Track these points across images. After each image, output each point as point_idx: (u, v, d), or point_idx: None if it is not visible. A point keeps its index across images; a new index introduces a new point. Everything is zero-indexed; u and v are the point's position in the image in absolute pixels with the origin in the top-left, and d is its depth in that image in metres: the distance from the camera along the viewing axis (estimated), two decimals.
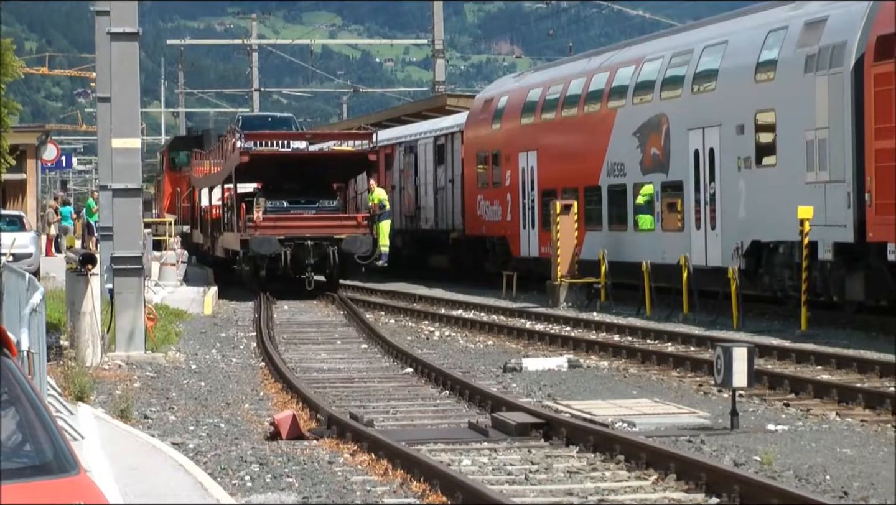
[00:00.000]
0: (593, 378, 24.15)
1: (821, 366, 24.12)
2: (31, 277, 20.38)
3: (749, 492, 13.36)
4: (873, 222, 28.73)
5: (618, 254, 38.11)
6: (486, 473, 15.47)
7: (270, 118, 60.12)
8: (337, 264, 43.46)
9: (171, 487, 13.96)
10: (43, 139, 67.85)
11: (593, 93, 41.20)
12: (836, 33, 30.24)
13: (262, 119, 61.00)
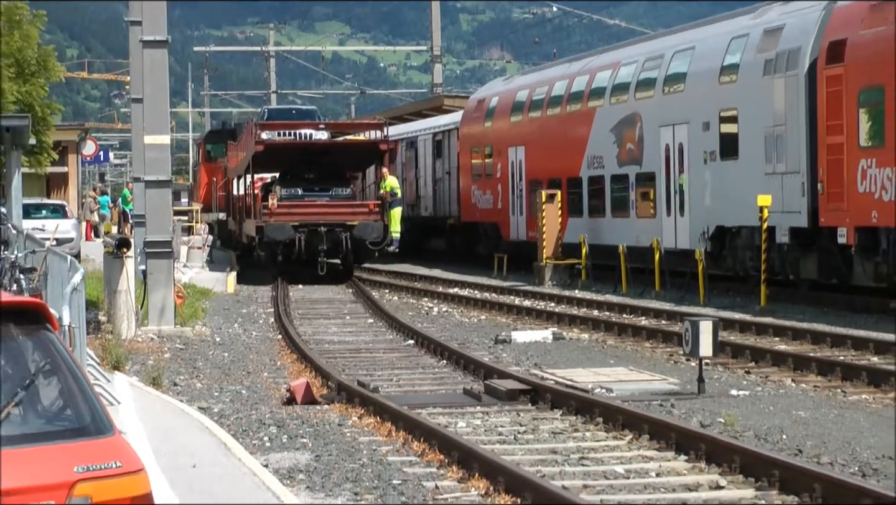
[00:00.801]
0: (575, 349, 24.16)
1: (778, 337, 24.15)
2: (72, 260, 20.33)
3: (714, 450, 13.38)
4: (825, 209, 28.75)
5: (597, 238, 38.10)
6: (479, 433, 15.49)
7: (295, 111, 58.27)
8: (350, 250, 41.15)
9: (197, 447, 13.97)
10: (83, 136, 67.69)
11: (575, 94, 41.17)
12: (791, 40, 30.23)
13: (286, 111, 59.28)
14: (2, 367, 6.21)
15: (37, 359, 6.13)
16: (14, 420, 5.87)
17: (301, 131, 45.87)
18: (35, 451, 5.81)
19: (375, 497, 12.20)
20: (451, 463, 13.50)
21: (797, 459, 12.92)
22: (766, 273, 29.80)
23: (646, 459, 13.81)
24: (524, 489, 11.76)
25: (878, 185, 27.05)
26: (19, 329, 6.22)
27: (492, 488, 12.25)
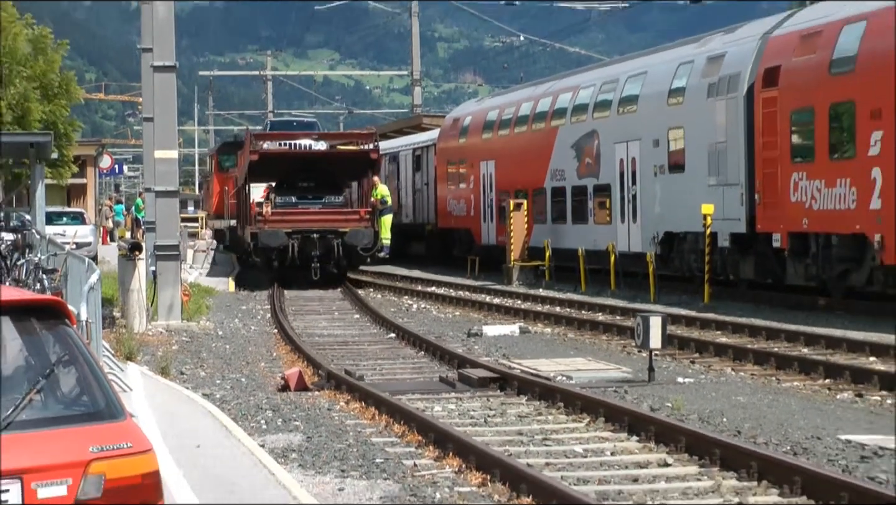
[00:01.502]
0: (539, 341, 24.18)
1: (720, 331, 24.20)
2: (89, 262, 20.32)
3: (662, 431, 13.41)
4: (761, 217, 28.84)
5: (559, 242, 38.16)
6: (454, 417, 15.49)
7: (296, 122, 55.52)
8: (341, 256, 38.76)
9: (201, 429, 13.96)
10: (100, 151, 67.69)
11: (539, 114, 41.22)
12: (732, 66, 30.31)
13: (288, 123, 56.77)
14: (25, 357, 6.22)
15: (56, 350, 6.13)
16: (35, 405, 5.87)
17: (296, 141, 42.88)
18: (54, 433, 5.81)
19: (360, 474, 12.21)
20: (428, 443, 13.51)
21: (736, 440, 12.96)
22: (709, 274, 29.87)
23: (602, 439, 13.83)
24: (493, 467, 11.77)
25: (808, 195, 27.14)
26: (40, 324, 6.23)
27: (464, 466, 12.27)
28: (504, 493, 11.14)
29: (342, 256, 38.65)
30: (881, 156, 24.98)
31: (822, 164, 26.73)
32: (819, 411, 15.40)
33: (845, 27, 26.56)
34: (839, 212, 26.21)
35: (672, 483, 11.63)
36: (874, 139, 25.18)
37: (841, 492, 10.34)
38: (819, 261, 27.22)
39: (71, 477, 5.69)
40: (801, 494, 10.76)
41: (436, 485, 11.64)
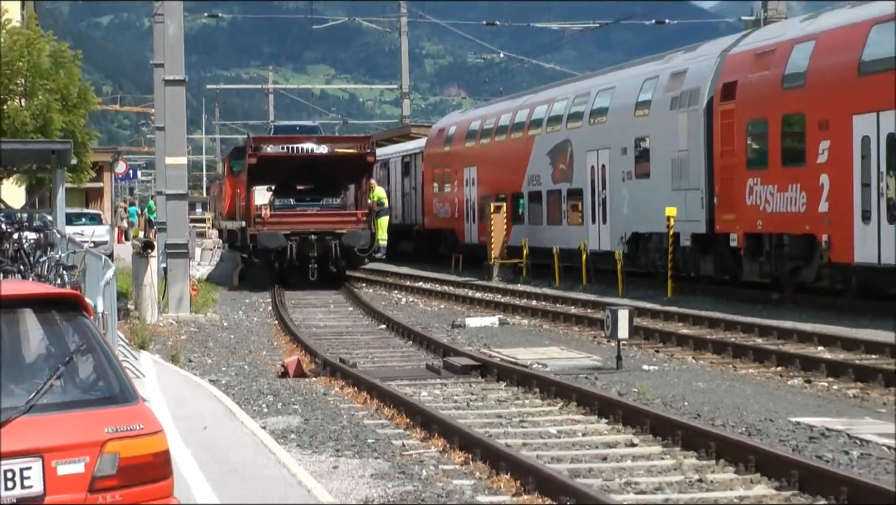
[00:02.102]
0: (517, 332, 24.19)
1: (681, 323, 24.24)
2: (105, 259, 20.26)
3: (629, 414, 13.44)
4: (720, 219, 28.88)
5: (535, 241, 38.16)
6: (439, 401, 15.50)
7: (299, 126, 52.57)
8: (339, 257, 36.51)
9: (208, 412, 13.95)
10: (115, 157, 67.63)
11: (517, 124, 41.23)
12: (693, 81, 30.35)
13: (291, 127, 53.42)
14: (46, 346, 6.22)
15: (75, 340, 6.13)
16: (56, 390, 5.87)
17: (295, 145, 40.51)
18: (73, 416, 5.81)
19: (353, 453, 12.21)
20: (415, 425, 13.52)
21: (696, 421, 12.99)
22: (672, 270, 29.91)
23: (574, 421, 13.85)
24: (475, 447, 11.79)
25: (762, 199, 27.18)
26: (60, 315, 6.23)
27: (448, 446, 12.28)
28: (484, 470, 11.16)
29: (340, 257, 36.61)
30: (828, 163, 25.04)
31: (775, 170, 26.78)
32: (771, 396, 15.44)
33: (796, 46, 26.61)
34: (790, 214, 26.26)
35: (638, 462, 11.66)
36: (822, 148, 25.23)
37: (791, 469, 10.38)
38: (772, 259, 27.28)
39: (88, 456, 5.70)
40: (756, 471, 10.79)
41: (422, 463, 11.65)
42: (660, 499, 10.08)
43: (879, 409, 14.45)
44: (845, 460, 11.34)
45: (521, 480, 10.44)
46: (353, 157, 39.06)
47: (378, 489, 10.54)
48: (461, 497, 10.19)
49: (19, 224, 21.33)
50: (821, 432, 12.71)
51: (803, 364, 17.64)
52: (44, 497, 5.60)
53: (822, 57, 25.55)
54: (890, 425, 13.23)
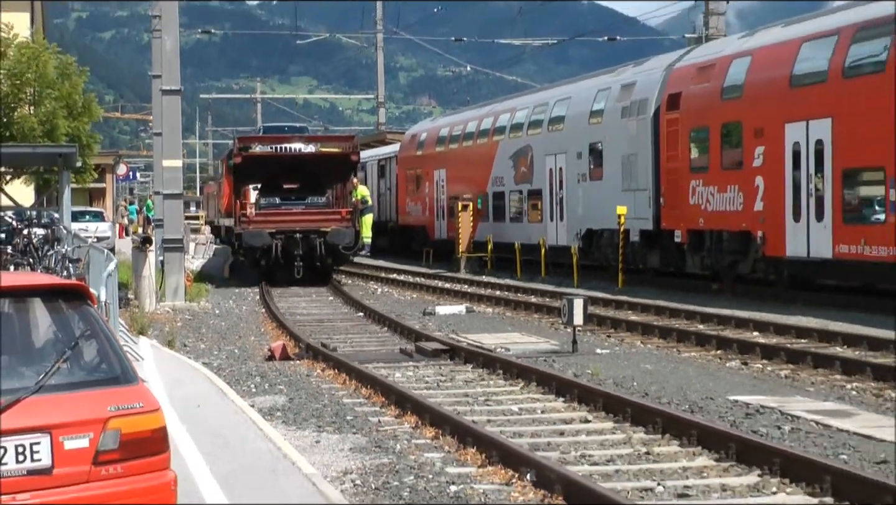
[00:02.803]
0: (482, 319, 24.22)
1: (631, 311, 24.31)
2: (108, 253, 20.19)
3: (584, 393, 13.48)
4: (665, 216, 28.98)
5: (499, 237, 38.19)
6: (411, 382, 15.51)
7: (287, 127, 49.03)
8: (324, 255, 34.13)
9: (201, 392, 13.92)
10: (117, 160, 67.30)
11: (483, 130, 41.23)
12: (642, 92, 30.43)
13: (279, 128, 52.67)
14: (54, 332, 6.21)
15: (80, 326, 6.11)
16: (63, 372, 5.86)
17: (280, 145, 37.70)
18: (78, 395, 5.80)
19: (333, 429, 12.20)
20: (390, 404, 13.52)
21: (644, 400, 13.03)
22: (622, 263, 29.99)
23: (534, 400, 13.88)
24: (444, 423, 11.80)
25: (703, 199, 27.28)
26: (67, 304, 6.22)
27: (420, 422, 12.29)
28: (453, 444, 11.17)
29: (325, 254, 34.19)
30: (763, 167, 25.16)
31: (715, 173, 26.88)
32: (712, 377, 15.51)
33: (734, 61, 26.71)
34: (729, 213, 26.37)
35: (591, 436, 11.69)
36: (757, 153, 25.35)
37: (730, 442, 10.43)
38: (712, 253, 27.39)
39: (92, 432, 5.69)
40: (698, 444, 10.84)
41: (396, 438, 11.65)
42: (611, 469, 10.11)
43: (808, 388, 14.54)
44: (778, 434, 11.40)
45: (486, 453, 10.45)
46: (337, 156, 36.77)
47: (356, 462, 10.55)
48: (432, 468, 10.20)
49: (29, 221, 21.27)
50: (756, 409, 12.78)
51: (740, 348, 17.72)
52: (52, 469, 5.60)
53: (758, 71, 25.65)
54: (817, 402, 13.32)
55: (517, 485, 9.49)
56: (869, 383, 14.61)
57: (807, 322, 20.46)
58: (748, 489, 9.36)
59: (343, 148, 37.00)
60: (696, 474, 9.91)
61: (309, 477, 9.18)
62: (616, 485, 9.45)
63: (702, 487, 9.42)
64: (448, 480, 9.72)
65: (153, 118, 38.28)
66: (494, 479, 9.79)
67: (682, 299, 25.64)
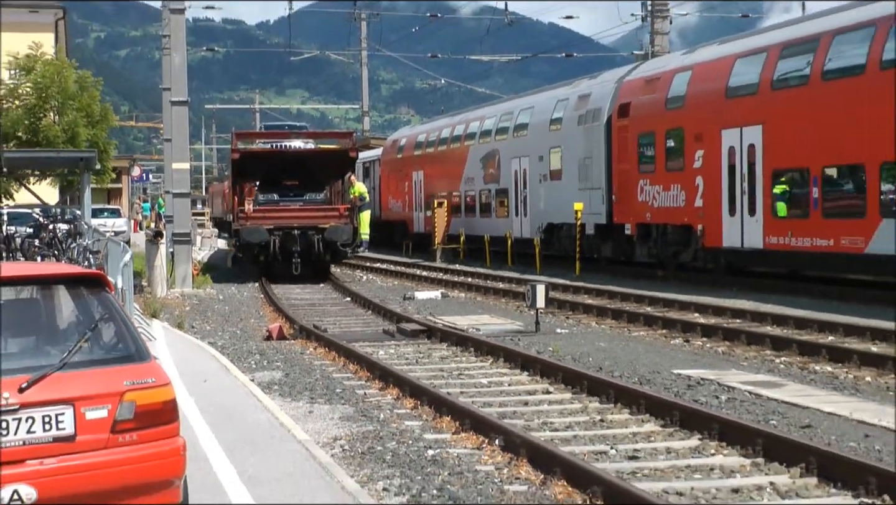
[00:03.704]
0: (456, 303, 24.22)
1: (587, 295, 24.35)
2: (124, 245, 20.10)
3: (546, 368, 13.50)
4: (617, 212, 29.03)
5: (471, 230, 38.21)
6: (393, 358, 15.49)
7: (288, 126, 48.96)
8: (322, 252, 30.80)
9: (208, 368, 13.89)
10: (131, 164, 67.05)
11: (456, 136, 41.22)
12: (596, 102, 30.46)
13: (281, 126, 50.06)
14: (76, 315, 6.19)
15: (99, 310, 6.09)
16: (84, 351, 5.85)
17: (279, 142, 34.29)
18: (98, 371, 5.79)
19: (325, 400, 12.19)
20: (374, 378, 13.51)
21: (599, 373, 13.06)
22: (579, 253, 30.04)
23: (501, 374, 13.89)
24: (422, 395, 11.80)
25: (650, 196, 27.36)
26: (87, 290, 6.20)
27: (401, 394, 12.28)
28: (430, 414, 11.17)
29: (323, 251, 30.91)
30: (702, 168, 25.24)
31: (661, 174, 26.96)
32: (658, 353, 15.56)
33: (677, 74, 26.78)
34: (672, 209, 26.44)
35: (552, 406, 11.71)
36: (697, 156, 25.43)
37: (674, 410, 10.47)
38: (658, 244, 27.47)
39: (110, 403, 5.67)
40: (646, 412, 10.88)
41: (380, 408, 11.64)
42: (570, 435, 10.13)
43: (742, 362, 14.60)
44: (716, 403, 11.45)
45: (459, 421, 10.46)
46: (336, 152, 33.23)
47: (345, 429, 10.54)
48: (412, 435, 10.20)
49: (54, 217, 21.15)
50: (697, 381, 12.83)
51: (683, 327, 17.78)
52: (75, 437, 5.59)
53: (697, 83, 25.73)
54: (750, 375, 13.38)
55: (487, 449, 9.50)
56: (795, 358, 14.69)
57: (741, 304, 20.54)
58: (690, 451, 9.40)
59: (342, 144, 33.76)
60: (645, 439, 9.95)
61: (303, 443, 9.17)
62: (574, 448, 9.47)
63: (650, 450, 9.46)
64: (426, 445, 9.73)
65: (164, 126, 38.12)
66: (467, 444, 9.80)
67: (631, 285, 25.71)
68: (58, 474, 5.49)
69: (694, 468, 8.78)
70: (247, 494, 7.52)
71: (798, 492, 8.05)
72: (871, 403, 11.47)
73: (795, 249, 22.35)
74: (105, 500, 5.59)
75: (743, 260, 24.82)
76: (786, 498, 7.92)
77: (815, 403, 11.28)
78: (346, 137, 34.58)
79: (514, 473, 8.67)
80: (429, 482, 8.38)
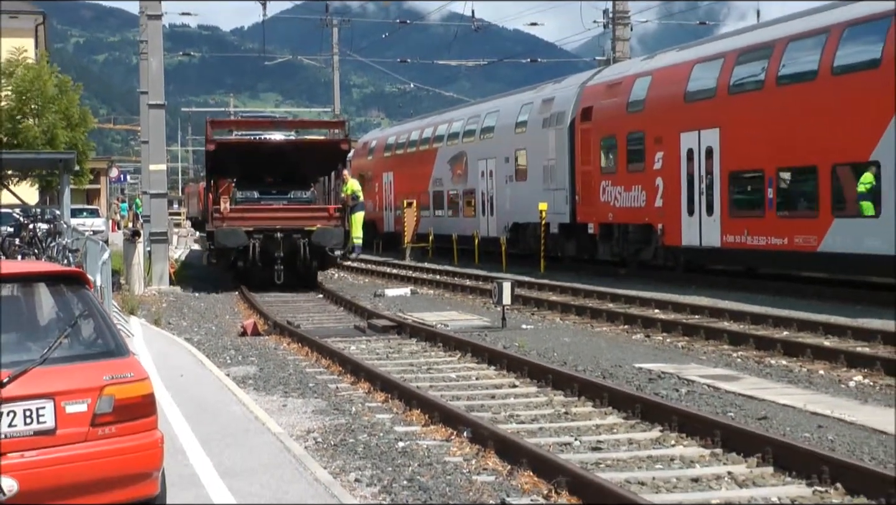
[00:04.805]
0: (425, 300, 24.19)
1: (551, 292, 24.39)
2: (102, 244, 19.94)
3: (512, 362, 13.50)
4: (580, 212, 29.12)
5: (439, 229, 38.21)
6: (364, 354, 15.47)
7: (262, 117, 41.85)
8: (309, 257, 26.31)
9: (184, 363, 13.80)
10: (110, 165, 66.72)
11: (424, 138, 41.20)
12: (560, 106, 30.53)
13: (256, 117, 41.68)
14: (57, 312, 6.15)
15: (79, 307, 6.06)
16: (65, 346, 5.81)
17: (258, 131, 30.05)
18: (78, 366, 5.76)
19: (298, 394, 12.15)
20: (346, 372, 13.48)
21: (563, 368, 13.08)
22: (544, 251, 30.10)
23: (469, 369, 13.89)
24: (393, 389, 11.78)
25: (612, 197, 27.45)
26: (67, 288, 6.17)
27: (372, 388, 12.26)
28: (401, 407, 11.16)
29: (309, 257, 26.41)
30: (662, 170, 25.35)
31: (622, 175, 27.05)
32: (620, 348, 15.61)
33: (637, 79, 26.88)
34: (634, 209, 26.55)
35: (518, 399, 11.72)
36: (657, 158, 25.54)
37: (636, 403, 10.51)
38: (620, 243, 27.58)
39: (90, 398, 5.64)
40: (609, 405, 10.91)
41: (352, 401, 11.62)
42: (535, 427, 10.14)
43: (701, 356, 14.67)
44: (676, 396, 11.50)
45: (429, 414, 10.45)
46: (324, 144, 28.88)
47: (318, 422, 10.51)
48: (383, 427, 10.18)
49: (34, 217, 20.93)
50: (657, 375, 12.88)
51: (644, 323, 17.85)
52: (55, 430, 5.55)
53: (657, 88, 25.84)
54: (709, 368, 13.45)
55: (456, 441, 9.50)
56: (752, 352, 14.78)
57: (699, 301, 20.64)
58: (651, 442, 9.43)
59: (332, 135, 29.23)
60: (608, 431, 9.97)
61: (277, 435, 9.14)
62: (540, 440, 9.48)
63: (612, 442, 9.49)
64: (396, 438, 9.71)
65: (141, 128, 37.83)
66: (436, 436, 9.79)
67: (594, 282, 25.79)
68: (39, 467, 5.46)
69: (655, 459, 8.81)
70: (223, 485, 7.48)
71: (755, 480, 8.10)
72: (824, 395, 11.56)
73: (751, 248, 22.49)
74: (85, 491, 5.56)
75: (701, 258, 24.95)
76: (743, 486, 7.96)
77: (771, 396, 11.36)
78: (338, 127, 30.02)
79: (482, 464, 8.67)
80: (399, 473, 8.37)
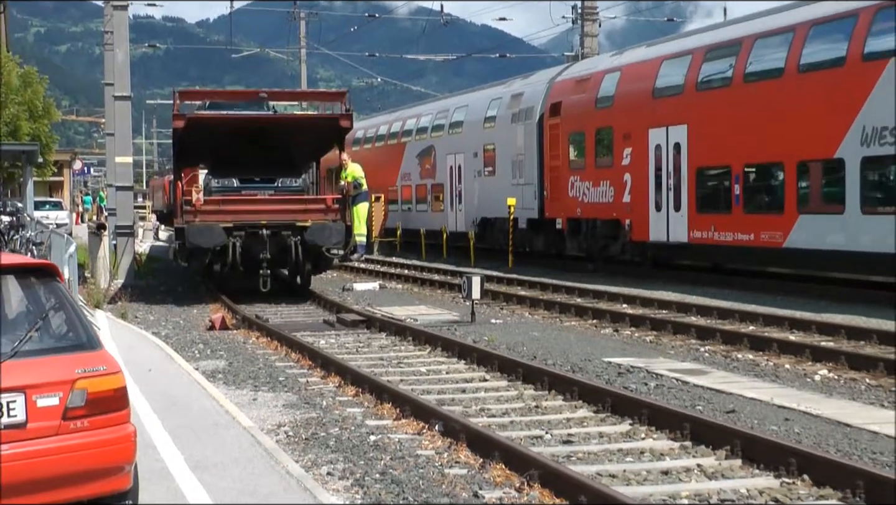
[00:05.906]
0: (394, 294, 24.17)
1: (520, 286, 24.43)
2: (67, 237, 19.81)
3: (482, 356, 13.54)
4: (548, 207, 29.20)
5: (407, 224, 38.19)
6: (334, 348, 15.45)
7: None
8: (302, 259, 21.70)
9: (152, 357, 13.74)
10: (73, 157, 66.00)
11: (393, 133, 41.15)
12: (529, 101, 30.59)
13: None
14: (27, 305, 6.10)
15: (50, 300, 6.02)
16: (35, 340, 5.77)
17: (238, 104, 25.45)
18: (49, 359, 5.72)
19: (268, 388, 12.12)
20: (316, 366, 13.46)
21: (533, 362, 13.13)
22: (512, 246, 30.16)
23: (439, 362, 13.91)
24: (363, 382, 11.78)
25: (580, 192, 27.54)
26: (38, 281, 6.12)
27: (343, 382, 12.25)
28: (372, 400, 11.16)
29: (302, 259, 21.83)
30: (630, 166, 25.46)
31: (590, 170, 27.15)
32: (589, 342, 15.68)
33: (606, 75, 26.97)
34: (602, 204, 26.65)
35: (489, 393, 11.75)
36: (625, 153, 25.65)
37: (606, 397, 10.56)
38: (588, 238, 27.67)
39: (62, 391, 5.60)
40: (579, 399, 10.96)
41: (322, 395, 11.61)
42: (507, 421, 10.18)
43: (669, 351, 14.76)
44: (645, 390, 11.57)
45: (400, 408, 10.46)
46: (320, 120, 24.30)
47: (288, 416, 10.49)
48: (354, 421, 10.18)
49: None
50: (626, 369, 12.95)
51: (612, 317, 17.94)
52: (26, 424, 5.51)
53: (626, 84, 25.94)
54: (677, 363, 13.54)
55: (427, 434, 9.51)
56: (719, 346, 14.90)
57: (667, 296, 20.77)
58: (621, 436, 9.49)
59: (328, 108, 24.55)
60: (578, 424, 10.02)
61: (248, 429, 9.12)
62: (511, 433, 9.52)
63: (583, 435, 9.53)
64: (368, 431, 9.71)
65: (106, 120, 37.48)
66: (408, 430, 9.80)
67: (563, 277, 25.86)
68: (10, 461, 5.41)
69: (625, 452, 8.87)
70: (194, 479, 7.47)
71: (723, 473, 8.17)
72: (791, 388, 11.67)
73: (718, 243, 22.64)
74: (57, 485, 5.53)
75: (669, 253, 25.09)
76: (712, 479, 8.03)
77: (739, 390, 11.46)
78: (336, 98, 24.56)
79: (454, 457, 8.70)
80: (371, 467, 8.38)
